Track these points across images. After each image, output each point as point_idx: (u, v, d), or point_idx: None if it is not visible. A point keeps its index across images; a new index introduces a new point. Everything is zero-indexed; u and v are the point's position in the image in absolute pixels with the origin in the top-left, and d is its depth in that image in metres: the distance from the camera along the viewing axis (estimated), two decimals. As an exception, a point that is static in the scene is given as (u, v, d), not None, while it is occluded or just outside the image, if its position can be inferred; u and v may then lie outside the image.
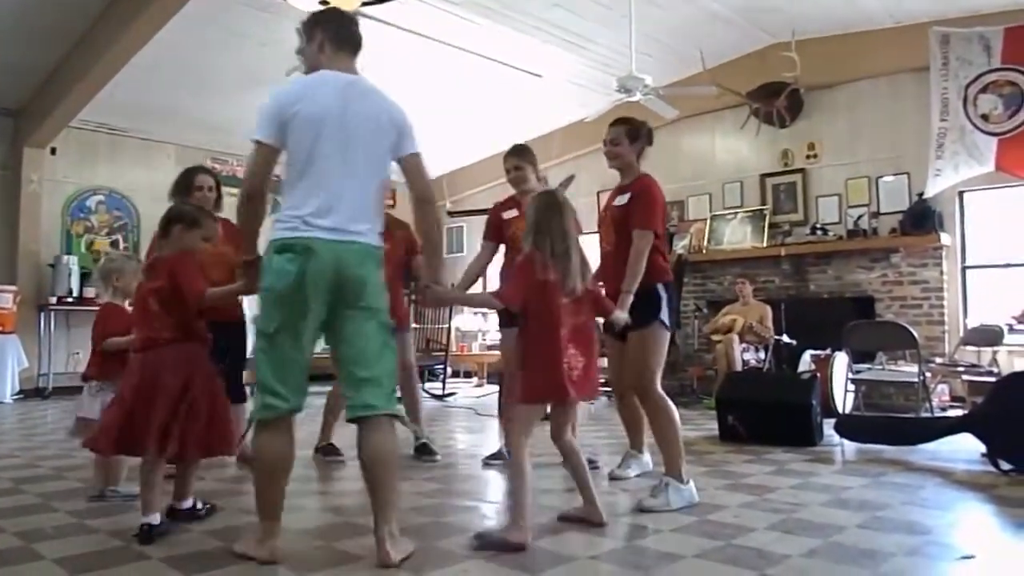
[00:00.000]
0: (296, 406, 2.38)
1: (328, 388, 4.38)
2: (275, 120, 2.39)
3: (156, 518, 2.61)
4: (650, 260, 3.37)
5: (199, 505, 2.92)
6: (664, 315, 3.36)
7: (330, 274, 2.33)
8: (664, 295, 3.40)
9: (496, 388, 5.76)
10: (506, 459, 3.72)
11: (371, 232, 2.45)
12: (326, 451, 4.26)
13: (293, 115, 2.37)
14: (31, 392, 7.77)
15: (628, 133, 3.52)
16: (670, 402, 3.29)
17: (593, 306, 2.93)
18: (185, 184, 3.89)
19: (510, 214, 4.12)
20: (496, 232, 4.18)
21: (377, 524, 2.33)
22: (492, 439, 4.24)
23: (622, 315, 3.15)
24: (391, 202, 4.08)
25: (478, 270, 4.25)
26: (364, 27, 2.67)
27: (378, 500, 2.35)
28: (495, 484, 3.69)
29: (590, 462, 3.91)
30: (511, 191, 4.24)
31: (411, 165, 2.51)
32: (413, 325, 9.30)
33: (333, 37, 2.54)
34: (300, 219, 2.35)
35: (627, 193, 3.51)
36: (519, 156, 4.15)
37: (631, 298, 3.26)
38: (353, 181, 2.41)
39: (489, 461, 4.13)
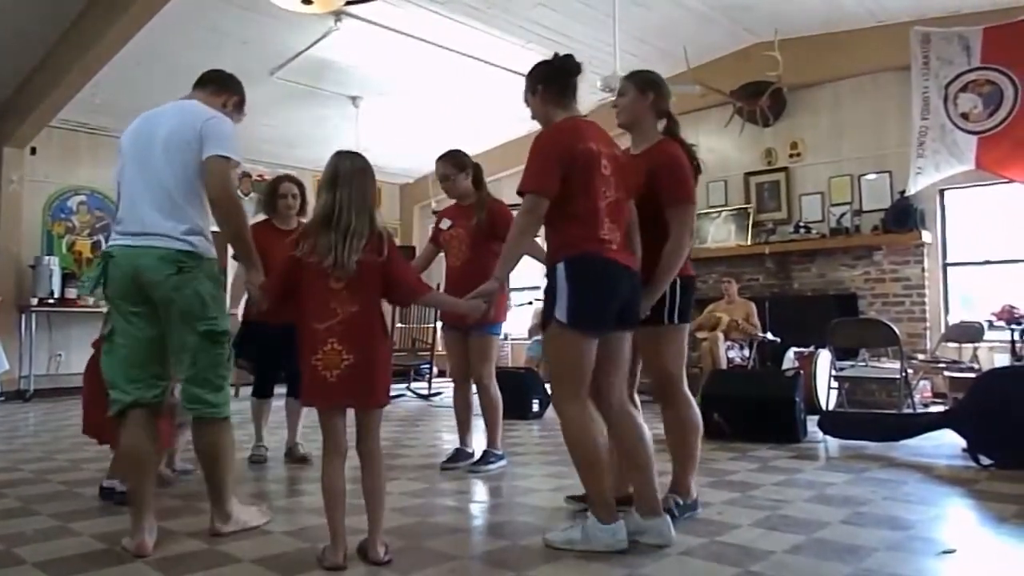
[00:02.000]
0: (138, 398, 2.54)
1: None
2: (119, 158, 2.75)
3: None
4: (557, 230, 2.56)
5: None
6: (560, 310, 2.47)
7: (129, 278, 2.53)
8: (563, 276, 2.49)
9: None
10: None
11: (173, 236, 2.54)
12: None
13: (119, 147, 2.74)
14: (12, 395, 7.69)
15: (529, 80, 2.80)
16: (590, 415, 2.53)
17: (387, 286, 2.40)
18: (270, 193, 4.17)
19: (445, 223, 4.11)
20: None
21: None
22: (477, 440, 4.22)
23: (462, 303, 2.62)
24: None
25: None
26: (348, 27, 2.71)
27: (209, 484, 2.68)
28: (481, 484, 3.69)
29: None
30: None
31: (206, 167, 2.58)
32: (397, 324, 9.32)
33: (200, 77, 2.90)
34: (114, 231, 2.66)
35: None
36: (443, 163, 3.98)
37: (496, 287, 2.61)
38: (152, 190, 2.57)
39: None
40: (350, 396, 2.33)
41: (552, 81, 2.72)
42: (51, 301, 7.88)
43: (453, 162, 3.98)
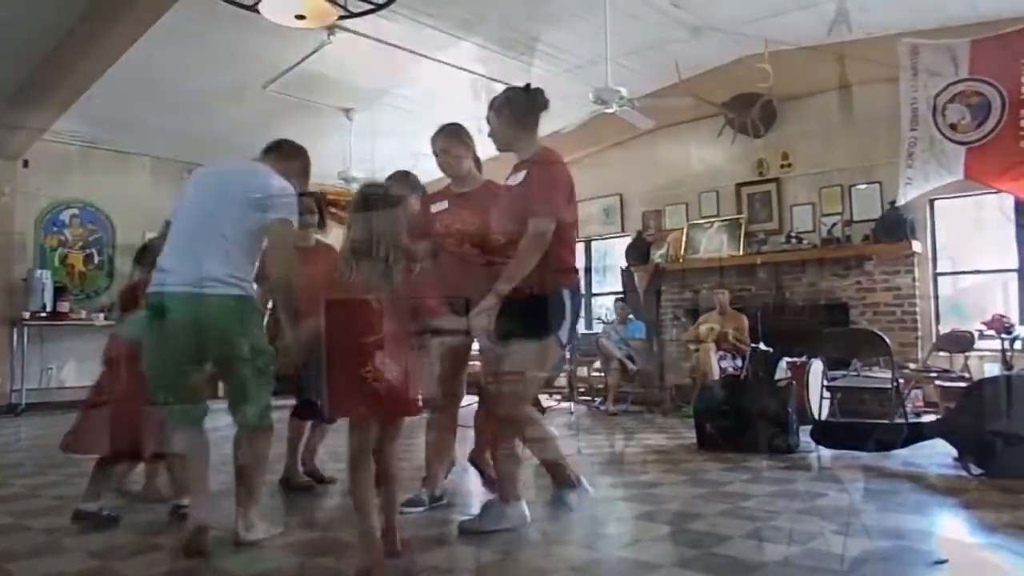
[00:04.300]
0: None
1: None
2: None
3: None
4: (556, 253, 2.80)
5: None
6: (564, 331, 2.89)
7: (189, 322, 2.68)
8: (568, 302, 2.88)
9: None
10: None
11: (227, 282, 2.71)
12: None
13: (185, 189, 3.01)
14: (3, 409, 7.65)
15: (498, 103, 3.06)
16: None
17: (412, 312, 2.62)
18: None
19: (439, 206, 3.46)
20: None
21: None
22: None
23: (479, 320, 2.75)
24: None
25: None
26: (341, 40, 2.79)
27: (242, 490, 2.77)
28: (476, 495, 3.68)
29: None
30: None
31: (270, 227, 2.79)
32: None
33: (269, 144, 3.19)
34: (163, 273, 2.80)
35: (522, 171, 2.94)
36: (447, 138, 3.44)
37: (496, 302, 2.72)
38: (215, 242, 2.75)
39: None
40: (393, 406, 2.50)
41: (521, 110, 2.99)
42: (43, 315, 7.83)
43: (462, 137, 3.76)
